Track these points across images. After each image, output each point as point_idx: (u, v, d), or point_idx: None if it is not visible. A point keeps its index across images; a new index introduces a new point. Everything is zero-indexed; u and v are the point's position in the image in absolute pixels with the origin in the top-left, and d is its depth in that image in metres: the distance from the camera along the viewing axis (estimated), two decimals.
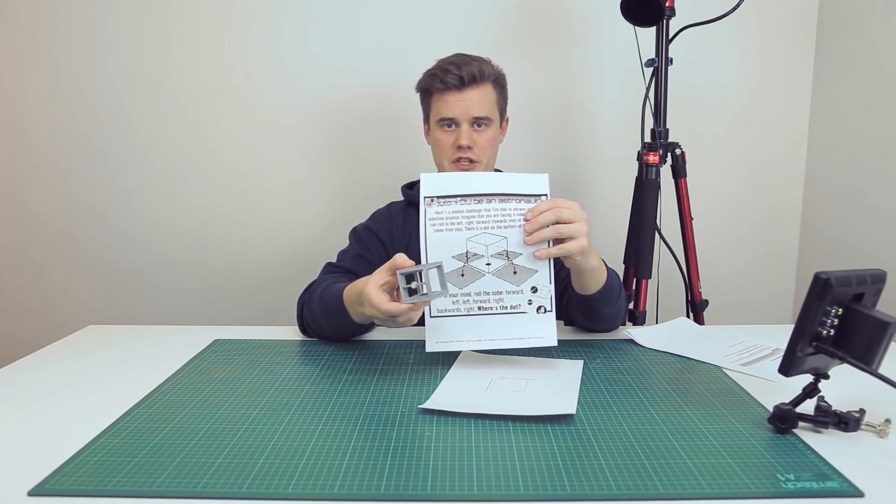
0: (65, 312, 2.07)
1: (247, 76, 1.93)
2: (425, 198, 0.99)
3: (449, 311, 0.97)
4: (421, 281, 0.90)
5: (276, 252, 2.02)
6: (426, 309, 0.97)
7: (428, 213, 0.98)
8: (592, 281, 1.07)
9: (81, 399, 0.91)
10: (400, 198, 1.40)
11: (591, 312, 1.14)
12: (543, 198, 0.99)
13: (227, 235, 2.02)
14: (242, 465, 0.72)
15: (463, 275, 0.97)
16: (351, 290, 1.06)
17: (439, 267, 0.92)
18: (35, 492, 0.67)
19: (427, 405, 0.86)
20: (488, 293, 0.97)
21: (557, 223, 0.96)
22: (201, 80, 1.93)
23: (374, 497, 0.65)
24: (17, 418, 0.85)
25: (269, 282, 2.02)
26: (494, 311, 0.98)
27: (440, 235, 0.97)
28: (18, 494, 0.66)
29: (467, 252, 0.97)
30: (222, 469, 0.71)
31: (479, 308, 0.98)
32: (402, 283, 0.89)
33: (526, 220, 0.97)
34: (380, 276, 0.95)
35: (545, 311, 0.98)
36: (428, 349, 0.97)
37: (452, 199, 0.98)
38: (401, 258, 0.92)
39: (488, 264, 0.97)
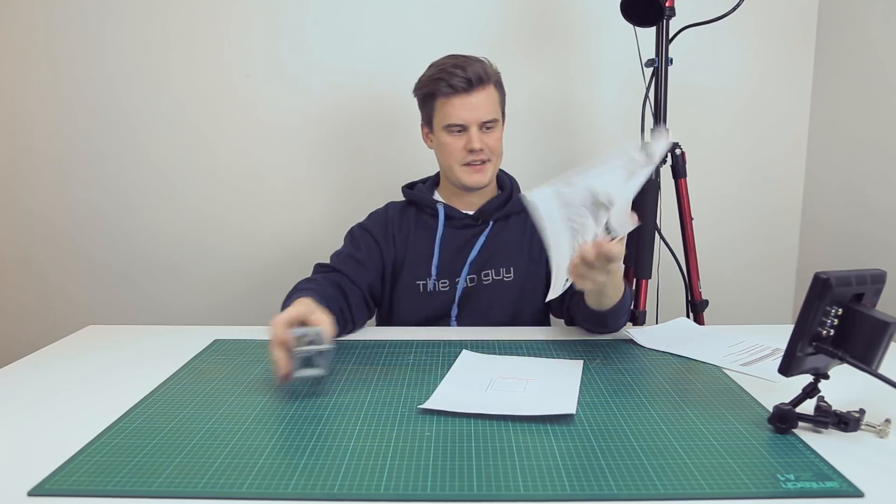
0: (64, 313, 2.06)
1: (246, 76, 1.93)
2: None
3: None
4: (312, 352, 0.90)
5: (275, 252, 2.02)
6: None
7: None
8: (607, 299, 1.08)
9: (81, 399, 0.91)
10: (399, 197, 1.40)
11: (599, 322, 1.15)
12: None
13: (227, 235, 2.02)
14: (242, 465, 0.72)
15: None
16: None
17: (330, 350, 0.91)
18: (35, 492, 0.67)
19: (427, 405, 0.86)
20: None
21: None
22: (201, 79, 1.93)
23: (374, 497, 0.65)
24: (17, 418, 0.85)
25: (268, 282, 2.02)
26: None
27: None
28: (18, 494, 0.66)
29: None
30: (222, 469, 0.71)
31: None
32: (295, 345, 0.89)
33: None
34: (292, 314, 0.92)
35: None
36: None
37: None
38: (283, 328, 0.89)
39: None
